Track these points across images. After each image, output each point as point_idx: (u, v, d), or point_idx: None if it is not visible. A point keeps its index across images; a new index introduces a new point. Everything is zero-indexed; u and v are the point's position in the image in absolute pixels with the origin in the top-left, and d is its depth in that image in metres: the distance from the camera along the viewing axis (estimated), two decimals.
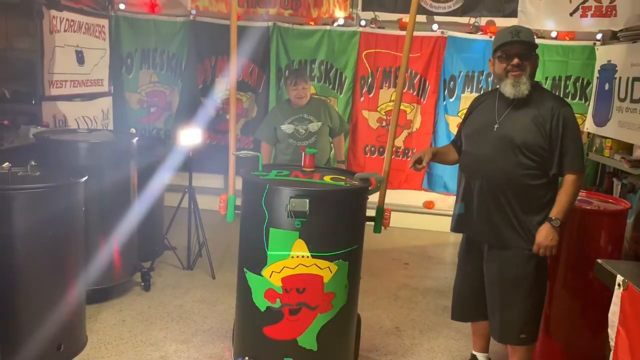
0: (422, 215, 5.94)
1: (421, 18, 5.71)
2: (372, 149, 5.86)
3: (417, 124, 5.79)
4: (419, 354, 3.33)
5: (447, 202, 6.00)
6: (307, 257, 2.48)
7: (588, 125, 5.37)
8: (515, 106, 2.61)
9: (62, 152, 3.46)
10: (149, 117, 6.04)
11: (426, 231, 5.85)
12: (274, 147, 4.29)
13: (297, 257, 2.48)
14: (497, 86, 2.71)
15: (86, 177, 3.05)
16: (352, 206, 2.59)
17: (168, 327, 3.43)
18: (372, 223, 2.85)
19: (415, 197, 5.96)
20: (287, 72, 5.72)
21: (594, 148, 5.34)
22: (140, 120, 6.00)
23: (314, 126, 4.08)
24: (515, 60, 2.55)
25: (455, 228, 2.81)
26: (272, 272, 2.51)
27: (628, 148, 4.77)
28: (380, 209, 2.82)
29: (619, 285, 1.77)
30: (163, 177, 4.48)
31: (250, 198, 2.63)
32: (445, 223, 6.07)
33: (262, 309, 2.56)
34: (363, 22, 5.67)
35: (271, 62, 5.73)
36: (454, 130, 5.77)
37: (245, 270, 2.62)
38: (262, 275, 2.53)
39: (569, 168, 2.53)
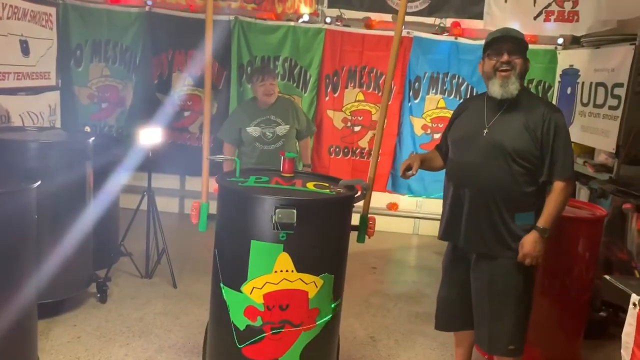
0: (385, 217, 5.85)
1: (387, 17, 5.61)
2: (337, 149, 5.72)
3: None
4: None
5: (410, 204, 5.95)
6: (292, 271, 2.31)
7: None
8: (506, 110, 2.53)
9: (9, 153, 3.12)
10: (100, 114, 5.67)
11: (390, 233, 5.77)
12: (237, 149, 4.06)
13: (281, 271, 2.30)
14: (486, 90, 2.63)
15: (39, 182, 2.75)
16: (340, 216, 2.43)
17: (129, 344, 3.17)
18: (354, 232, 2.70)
19: (379, 199, 5.87)
20: (249, 68, 5.49)
21: None
22: (90, 117, 5.62)
23: (282, 129, 3.89)
24: (505, 57, 2.47)
25: (443, 236, 2.71)
26: (253, 288, 2.32)
27: (590, 152, 4.84)
28: (365, 218, 2.68)
29: (634, 305, 1.70)
30: (120, 179, 4.19)
31: (229, 207, 2.42)
32: (408, 225, 6.09)
33: (242, 327, 2.36)
34: (328, 20, 5.52)
35: (232, 58, 5.48)
36: (418, 131, 5.73)
37: (221, 285, 2.41)
38: (241, 292, 2.34)
39: (558, 175, 2.47)
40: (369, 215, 2.70)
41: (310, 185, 2.57)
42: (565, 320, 3.15)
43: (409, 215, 5.98)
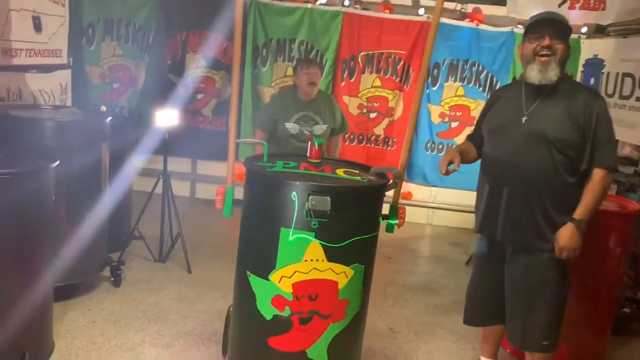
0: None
1: (407, 1, 5.48)
2: (352, 136, 5.62)
3: (398, 112, 5.59)
4: (417, 358, 3.14)
5: (425, 194, 5.86)
6: (322, 260, 2.22)
7: None
8: (545, 97, 2.42)
9: (25, 131, 3.03)
10: (111, 94, 5.57)
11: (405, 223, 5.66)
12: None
13: (311, 260, 2.21)
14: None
15: (57, 162, 2.66)
16: (372, 204, 2.34)
17: (145, 329, 3.10)
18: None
19: None
20: (264, 50, 5.37)
21: None
22: (101, 97, 5.52)
23: (319, 129, 3.78)
24: (546, 41, 2.35)
25: (480, 229, 2.61)
26: (282, 276, 2.23)
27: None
28: (395, 207, 2.59)
29: None
30: (135, 162, 4.09)
31: (257, 192, 2.33)
32: (422, 215, 5.99)
33: (268, 317, 2.28)
34: (347, 2, 5.38)
35: (247, 40, 5.35)
36: (435, 119, 5.62)
37: (248, 273, 2.32)
38: (269, 280, 2.25)
39: (599, 163, 2.36)
40: (399, 205, 2.61)
41: (340, 172, 2.48)
42: (594, 316, 3.07)
43: (423, 205, 5.89)
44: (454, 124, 5.62)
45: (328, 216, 2.10)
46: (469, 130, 5.88)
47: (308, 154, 2.64)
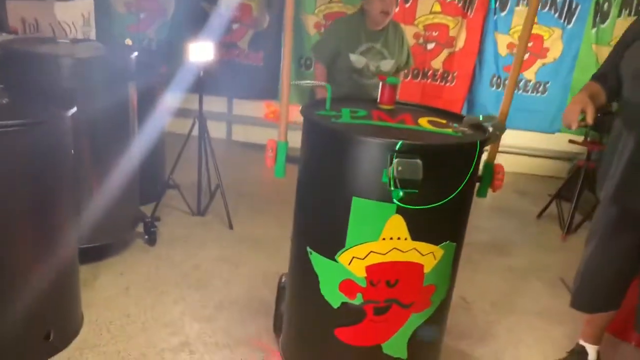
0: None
1: None
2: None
3: (460, 42, 4.90)
4: (498, 335, 2.70)
5: None
6: (406, 239, 1.74)
7: None
8: None
9: (38, 70, 2.56)
10: (138, 25, 5.03)
11: None
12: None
13: (391, 239, 1.73)
14: None
15: (75, 109, 2.20)
16: (469, 166, 1.82)
17: (185, 298, 2.72)
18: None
19: None
20: None
21: None
22: (127, 28, 5.00)
23: (386, 64, 3.19)
24: None
25: (616, 198, 2.03)
26: (353, 257, 1.77)
27: None
28: (491, 166, 2.06)
29: None
30: (167, 103, 3.62)
31: (319, 150, 1.83)
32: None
33: (335, 305, 1.84)
34: None
35: None
36: (502, 51, 4.93)
37: (309, 250, 1.87)
38: (337, 261, 1.79)
39: None
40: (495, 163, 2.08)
41: (424, 123, 1.94)
42: None
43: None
44: (525, 56, 4.90)
45: (419, 186, 1.59)
46: (540, 63, 5.24)
47: (379, 98, 2.10)
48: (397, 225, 1.71)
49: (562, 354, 2.51)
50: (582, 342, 2.40)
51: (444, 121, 1.99)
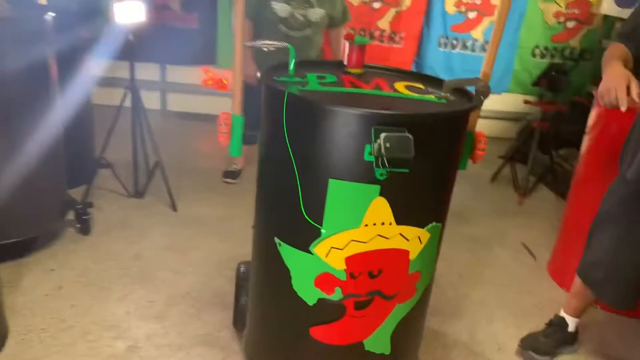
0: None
1: None
2: (352, 31, 4.71)
3: (407, 1, 4.66)
4: (470, 310, 2.58)
5: None
6: (390, 224, 1.52)
7: (606, 6, 4.51)
8: None
9: None
10: None
11: None
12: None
13: (374, 225, 1.51)
14: None
15: None
16: (457, 137, 1.61)
17: (129, 295, 2.41)
18: None
19: None
20: None
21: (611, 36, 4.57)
22: None
23: (315, 14, 2.93)
24: None
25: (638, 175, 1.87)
26: (331, 248, 1.53)
27: None
28: (471, 135, 1.86)
29: None
30: (92, 71, 3.19)
31: (286, 124, 1.55)
32: None
33: (310, 302, 1.61)
34: None
35: None
36: (450, 9, 4.74)
37: (277, 241, 1.61)
38: (312, 253, 1.55)
39: None
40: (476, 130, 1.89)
41: (401, 89, 1.71)
42: None
43: None
44: (471, 15, 4.76)
45: (410, 165, 1.36)
46: (488, 21, 5.10)
47: (347, 61, 1.84)
48: (381, 209, 1.49)
49: (535, 325, 2.42)
50: (562, 314, 2.29)
51: (421, 86, 1.76)
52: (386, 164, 1.33)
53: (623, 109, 1.57)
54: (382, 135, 1.33)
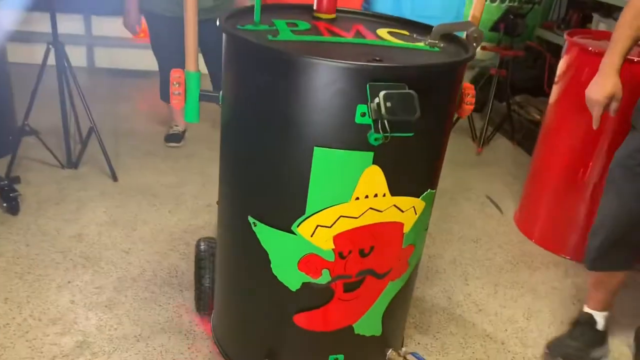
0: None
1: None
2: None
3: None
4: (443, 271, 2.47)
5: None
6: (384, 195, 1.32)
7: None
8: None
9: None
10: None
11: None
12: None
13: (366, 197, 1.30)
14: None
15: None
16: (452, 92, 1.41)
17: (72, 282, 2.12)
18: None
19: None
20: None
21: None
22: None
23: None
24: None
25: None
26: (317, 226, 1.32)
27: None
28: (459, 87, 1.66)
29: None
30: (5, 24, 2.75)
31: (261, 84, 1.29)
32: None
33: (294, 287, 1.41)
34: None
35: None
36: None
37: (252, 221, 1.38)
38: (295, 233, 1.33)
39: None
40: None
41: (386, 36, 1.47)
42: None
43: None
44: None
45: (413, 129, 1.15)
46: None
47: (316, 5, 1.59)
48: (374, 179, 1.28)
49: (513, 284, 2.34)
50: (588, 310, 2.04)
51: (406, 32, 1.54)
52: (387, 127, 1.11)
53: (594, 127, 1.67)
54: (382, 93, 1.10)
